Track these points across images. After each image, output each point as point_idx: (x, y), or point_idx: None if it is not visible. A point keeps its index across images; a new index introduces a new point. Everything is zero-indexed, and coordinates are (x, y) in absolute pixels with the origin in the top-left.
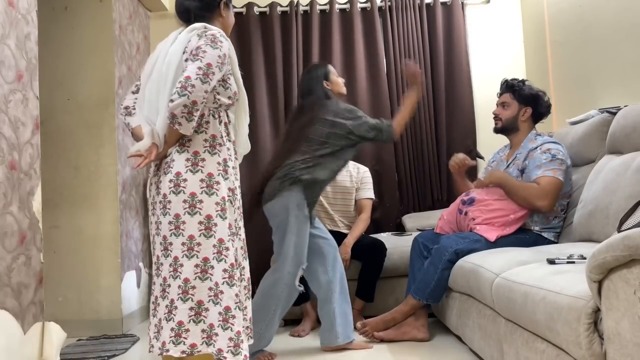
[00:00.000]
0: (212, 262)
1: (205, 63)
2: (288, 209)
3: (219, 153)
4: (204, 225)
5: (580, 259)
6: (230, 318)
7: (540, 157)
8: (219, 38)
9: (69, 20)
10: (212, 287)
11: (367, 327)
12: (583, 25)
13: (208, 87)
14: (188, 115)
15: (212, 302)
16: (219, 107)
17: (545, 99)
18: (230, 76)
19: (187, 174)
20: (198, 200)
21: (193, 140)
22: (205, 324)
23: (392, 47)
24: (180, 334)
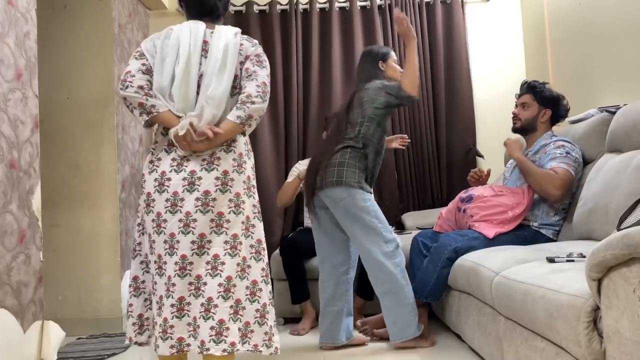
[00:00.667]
0: (249, 261)
1: (262, 82)
2: (353, 189)
3: (252, 158)
4: (245, 225)
5: (580, 257)
6: (266, 314)
7: (555, 152)
8: (263, 57)
9: (68, 19)
10: (249, 286)
11: (367, 325)
12: (583, 24)
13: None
14: (257, 120)
15: (249, 300)
16: None
17: (565, 102)
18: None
19: (234, 174)
20: (242, 201)
21: (238, 142)
22: (241, 322)
23: (391, 45)
24: (222, 333)
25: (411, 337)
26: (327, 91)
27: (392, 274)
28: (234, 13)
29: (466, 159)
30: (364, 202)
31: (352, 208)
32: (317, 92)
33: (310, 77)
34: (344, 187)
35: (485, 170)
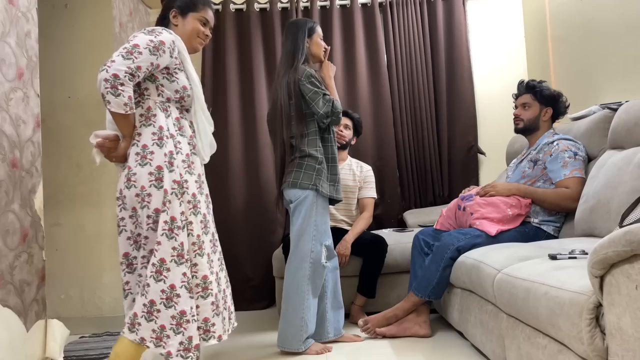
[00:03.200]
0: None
1: (132, 44)
2: (304, 189)
3: (166, 145)
4: (152, 219)
5: (582, 254)
6: (155, 312)
7: (563, 156)
8: (158, 30)
9: (69, 18)
10: (165, 290)
11: (369, 324)
12: (584, 21)
13: (131, 64)
14: (113, 89)
15: (164, 305)
16: (166, 100)
17: (564, 99)
18: (179, 71)
19: (137, 168)
20: (147, 194)
21: (142, 134)
22: (157, 323)
23: (392, 43)
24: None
25: (294, 350)
26: None
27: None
28: (235, 11)
29: (468, 156)
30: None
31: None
32: None
33: None
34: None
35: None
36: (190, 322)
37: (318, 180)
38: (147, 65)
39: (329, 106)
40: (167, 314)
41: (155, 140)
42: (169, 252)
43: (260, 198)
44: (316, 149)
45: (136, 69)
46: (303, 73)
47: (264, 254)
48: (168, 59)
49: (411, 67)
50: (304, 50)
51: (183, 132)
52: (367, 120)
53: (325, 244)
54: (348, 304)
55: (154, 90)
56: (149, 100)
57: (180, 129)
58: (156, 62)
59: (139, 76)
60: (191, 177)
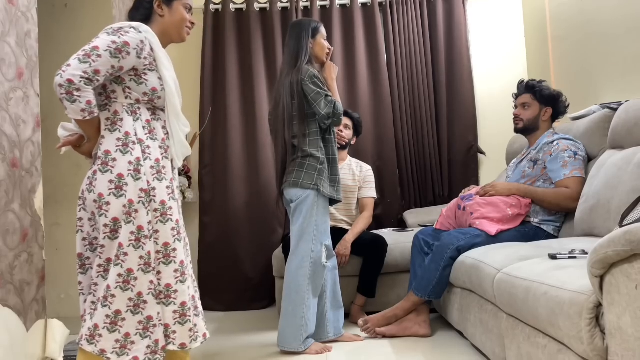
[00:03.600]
0: (112, 266)
1: (92, 46)
2: (305, 189)
3: (131, 152)
4: (109, 228)
5: (582, 254)
6: (120, 320)
7: (563, 155)
8: (125, 29)
9: (69, 18)
10: (133, 298)
11: (369, 324)
12: (584, 21)
13: (88, 67)
14: (67, 95)
15: (131, 312)
16: (135, 102)
17: (564, 99)
18: (149, 72)
19: (97, 174)
20: (105, 202)
21: (106, 139)
22: (121, 333)
23: (392, 42)
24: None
25: (294, 350)
26: None
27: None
28: (235, 11)
29: (468, 156)
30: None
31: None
32: None
33: None
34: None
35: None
36: (157, 326)
37: (319, 180)
38: (107, 69)
39: (330, 107)
40: (134, 320)
41: (119, 147)
42: (136, 261)
43: (260, 198)
44: (317, 149)
45: (93, 73)
46: (306, 73)
47: (264, 254)
48: (134, 61)
49: (411, 67)
50: (308, 50)
51: (154, 135)
52: (367, 120)
53: (325, 243)
54: (348, 304)
55: (121, 93)
56: (116, 103)
57: (151, 132)
58: (118, 65)
59: (97, 80)
60: (160, 184)
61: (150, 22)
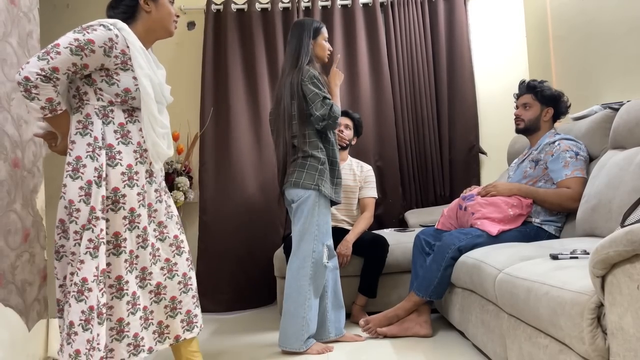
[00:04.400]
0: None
1: (53, 44)
2: (307, 189)
3: (98, 157)
4: (79, 235)
5: (584, 254)
6: (73, 334)
7: (565, 156)
8: (94, 26)
9: (70, 18)
10: (77, 283)
11: (370, 324)
12: (585, 20)
13: (45, 65)
14: (26, 93)
15: (82, 327)
16: (108, 104)
17: (565, 99)
18: (122, 72)
19: (67, 179)
20: (75, 209)
21: (77, 144)
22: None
23: (394, 42)
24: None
25: (295, 350)
26: None
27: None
28: (236, 11)
29: (469, 156)
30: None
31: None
32: None
33: None
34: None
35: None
36: (96, 350)
37: (320, 180)
38: (68, 66)
39: (326, 109)
40: (84, 337)
41: (90, 152)
42: (92, 271)
43: (262, 198)
44: (318, 150)
45: (51, 71)
46: (306, 74)
47: (265, 254)
48: (101, 59)
49: (412, 67)
50: (309, 50)
51: (127, 139)
52: (369, 119)
53: (327, 243)
54: (349, 304)
55: (92, 94)
56: (88, 105)
57: (124, 136)
58: (81, 63)
59: (57, 78)
60: (131, 191)
61: (134, 20)
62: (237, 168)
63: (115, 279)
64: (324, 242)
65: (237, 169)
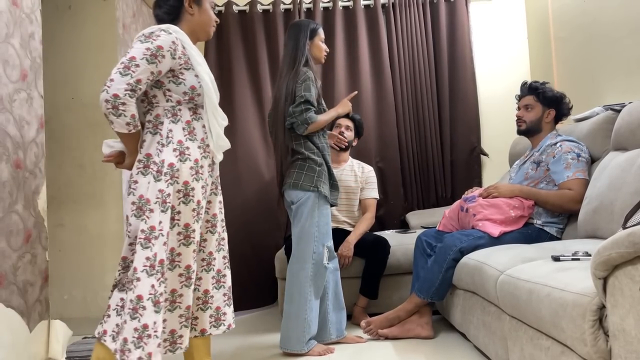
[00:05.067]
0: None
1: (129, 57)
2: (306, 191)
3: (162, 153)
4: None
5: (585, 256)
6: (141, 309)
7: (566, 157)
8: (156, 32)
9: (72, 19)
10: (133, 300)
11: (372, 325)
12: (587, 22)
13: (130, 79)
14: (114, 110)
15: (130, 316)
16: (177, 104)
17: (567, 101)
18: (185, 71)
19: (138, 176)
20: (145, 202)
21: (147, 142)
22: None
23: (395, 44)
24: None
25: (296, 351)
26: (330, 90)
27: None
28: (238, 13)
29: (470, 157)
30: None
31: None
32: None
33: None
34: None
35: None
36: (152, 337)
37: (319, 182)
38: (147, 76)
39: (301, 110)
40: (131, 325)
41: (158, 149)
42: (142, 261)
43: (264, 198)
44: (314, 152)
45: (136, 83)
46: (302, 76)
47: (266, 255)
48: (170, 62)
49: (414, 68)
50: (305, 51)
51: (193, 136)
52: (370, 121)
53: (327, 245)
54: (350, 306)
55: (161, 96)
56: (157, 107)
57: (191, 132)
58: (157, 70)
59: (140, 89)
60: (197, 184)
61: (179, 21)
62: (239, 169)
63: (184, 268)
64: (324, 243)
65: (239, 171)
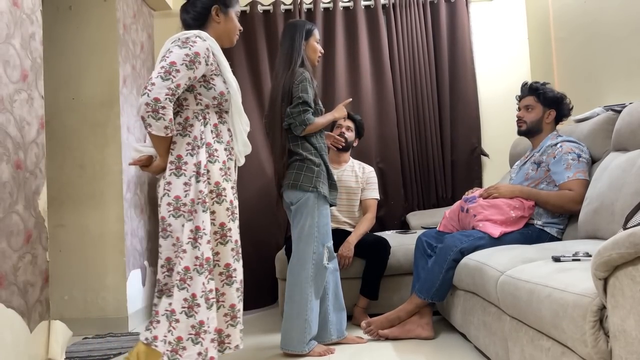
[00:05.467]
0: (192, 272)
1: (169, 62)
2: (305, 191)
3: (196, 155)
4: (187, 228)
5: (586, 257)
6: (174, 322)
7: (567, 157)
8: (192, 39)
9: (73, 20)
10: (180, 271)
11: (372, 326)
12: (588, 22)
13: (171, 84)
14: (154, 113)
15: (185, 314)
16: (205, 108)
17: (567, 101)
18: (215, 77)
19: (172, 177)
20: (182, 204)
21: (177, 144)
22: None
23: (396, 44)
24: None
25: (298, 352)
26: (330, 91)
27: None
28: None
29: (471, 158)
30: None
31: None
32: (321, 92)
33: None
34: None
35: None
36: (207, 333)
37: (318, 182)
38: (185, 81)
39: (299, 111)
40: (187, 323)
41: (189, 151)
42: (192, 260)
43: (264, 199)
44: (312, 152)
45: (176, 88)
46: (298, 77)
47: (267, 255)
48: (204, 68)
49: (414, 69)
50: (302, 52)
51: (220, 138)
52: (371, 121)
53: (327, 245)
54: (351, 306)
55: (192, 100)
56: (187, 110)
57: (218, 135)
58: (193, 75)
59: (178, 94)
60: (227, 184)
61: (205, 27)
62: (240, 169)
63: (224, 266)
64: (324, 244)
65: (240, 170)
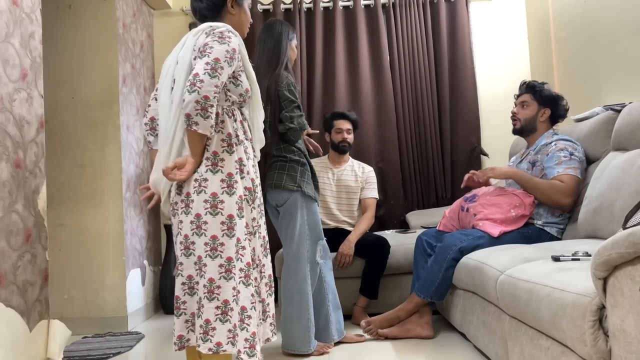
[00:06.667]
0: (235, 262)
1: (213, 58)
2: (290, 191)
3: (236, 152)
4: (226, 225)
5: (585, 256)
6: (246, 318)
7: (559, 155)
8: (227, 34)
9: (72, 19)
10: (235, 287)
11: (372, 325)
12: (588, 22)
13: (218, 82)
14: (202, 111)
15: (235, 301)
16: (232, 104)
17: (564, 102)
18: (242, 73)
19: (208, 174)
20: (219, 201)
21: (212, 140)
22: (230, 323)
23: (395, 44)
24: (208, 332)
25: (303, 352)
26: (330, 90)
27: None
28: None
29: (471, 157)
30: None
31: None
32: (321, 92)
33: (314, 77)
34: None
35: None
36: (252, 318)
37: (302, 182)
38: (225, 79)
39: (298, 115)
40: (256, 320)
41: (225, 147)
42: (250, 255)
43: None
44: (294, 153)
45: (221, 85)
46: (284, 80)
47: None
48: (235, 65)
49: (414, 69)
50: (287, 54)
51: (247, 135)
52: (370, 121)
53: (321, 242)
54: (350, 306)
55: (222, 96)
56: (218, 106)
57: (245, 132)
58: (230, 72)
59: (221, 91)
60: (257, 181)
61: (220, 18)
62: None
63: (245, 264)
64: (316, 241)
65: None
